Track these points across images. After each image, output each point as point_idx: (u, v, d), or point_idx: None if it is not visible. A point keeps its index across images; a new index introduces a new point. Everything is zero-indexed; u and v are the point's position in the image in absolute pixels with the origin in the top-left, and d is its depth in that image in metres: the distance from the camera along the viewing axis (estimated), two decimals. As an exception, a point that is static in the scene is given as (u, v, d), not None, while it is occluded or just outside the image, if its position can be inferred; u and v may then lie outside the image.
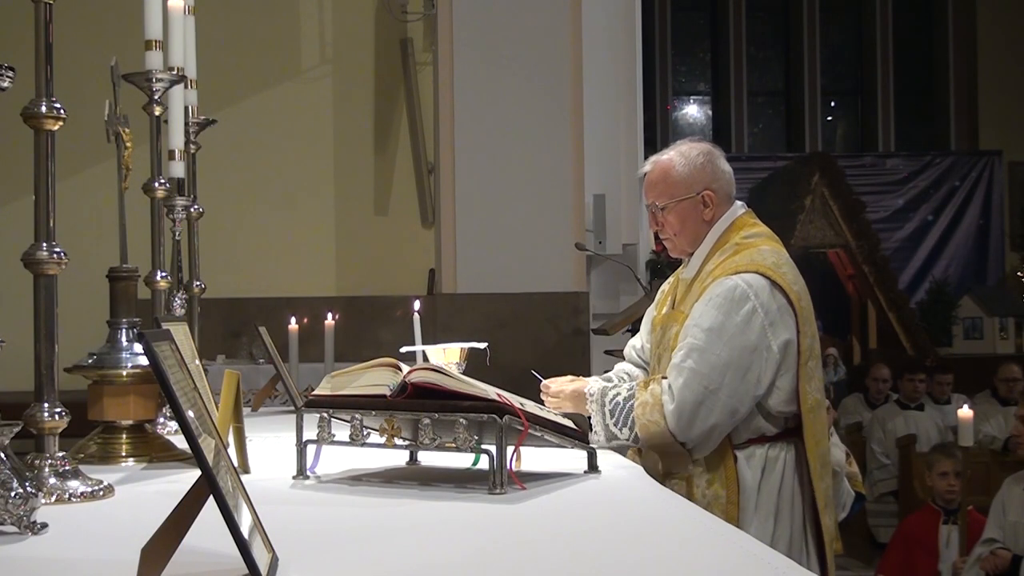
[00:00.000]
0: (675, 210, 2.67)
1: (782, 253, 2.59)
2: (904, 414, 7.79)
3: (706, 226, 2.66)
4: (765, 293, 2.47)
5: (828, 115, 14.72)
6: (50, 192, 1.87)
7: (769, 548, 1.62)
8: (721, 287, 2.49)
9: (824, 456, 2.54)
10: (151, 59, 2.56)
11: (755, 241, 2.60)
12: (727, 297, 2.47)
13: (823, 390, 2.58)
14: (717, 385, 2.41)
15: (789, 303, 2.49)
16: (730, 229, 2.64)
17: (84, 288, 3.96)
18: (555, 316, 5.75)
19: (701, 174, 2.66)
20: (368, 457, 2.25)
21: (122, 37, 3.58)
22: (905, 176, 13.70)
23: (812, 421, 2.50)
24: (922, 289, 13.01)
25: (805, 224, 11.75)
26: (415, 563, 1.47)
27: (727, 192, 2.69)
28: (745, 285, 2.47)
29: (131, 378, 2.36)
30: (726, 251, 2.60)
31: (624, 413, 2.47)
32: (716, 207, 2.65)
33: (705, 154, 2.68)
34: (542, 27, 5.86)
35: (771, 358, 2.46)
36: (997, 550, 4.64)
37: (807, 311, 2.54)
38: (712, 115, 14.73)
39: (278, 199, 7.84)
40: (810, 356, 2.52)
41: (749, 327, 2.45)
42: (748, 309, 2.45)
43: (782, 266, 2.53)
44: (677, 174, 2.66)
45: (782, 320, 2.48)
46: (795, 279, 2.55)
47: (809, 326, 2.54)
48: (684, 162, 2.66)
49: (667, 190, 2.67)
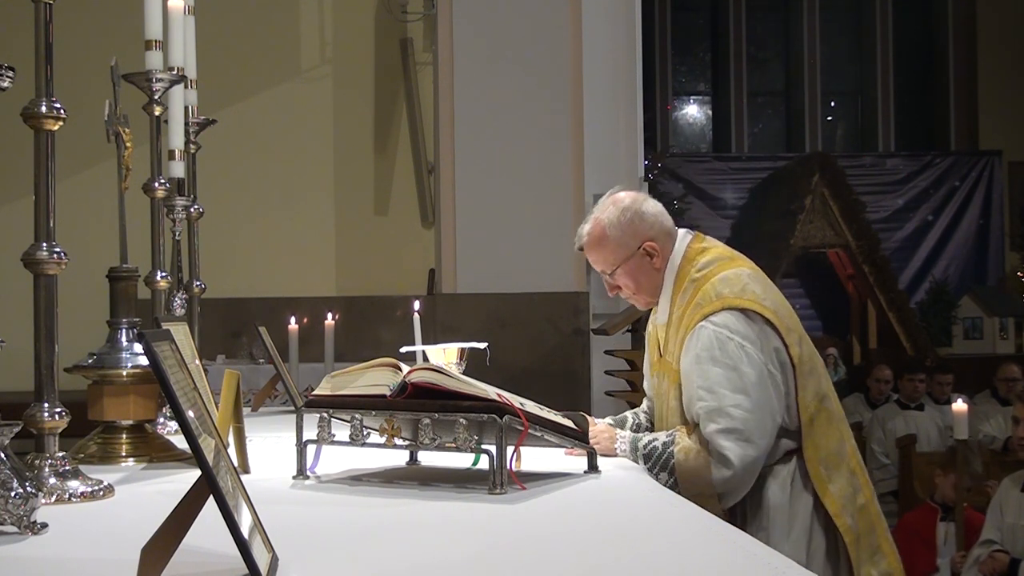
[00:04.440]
0: (623, 271, 2.65)
1: (741, 271, 2.55)
2: (904, 414, 7.79)
3: (659, 273, 2.64)
4: (740, 324, 2.46)
5: (828, 115, 14.72)
6: (50, 192, 1.87)
7: (769, 548, 1.62)
8: (698, 340, 2.47)
9: (830, 458, 2.52)
10: (151, 59, 2.56)
11: (711, 271, 2.56)
12: (708, 347, 2.45)
13: (822, 392, 2.56)
14: (750, 433, 2.41)
15: (767, 322, 2.48)
16: (683, 264, 2.62)
17: (84, 288, 3.96)
18: (555, 316, 5.75)
19: (634, 229, 2.62)
20: (368, 457, 2.25)
21: (122, 37, 3.58)
22: (905, 176, 13.70)
23: (810, 430, 2.50)
24: (922, 289, 13.01)
25: (805, 224, 11.76)
26: (415, 563, 1.47)
27: (665, 230, 2.66)
28: (718, 328, 2.45)
29: (131, 378, 2.36)
30: (687, 291, 2.57)
31: (663, 460, 2.46)
32: (661, 252, 2.63)
33: (628, 207, 2.64)
34: (542, 27, 5.85)
35: (776, 378, 2.47)
36: (995, 553, 4.64)
37: (786, 318, 2.53)
38: (712, 115, 14.73)
39: (278, 199, 7.84)
40: (800, 363, 2.50)
41: (744, 362, 2.44)
42: (734, 347, 2.44)
43: (746, 288, 2.50)
44: (611, 239, 2.63)
45: (765, 341, 2.47)
46: (764, 293, 2.52)
47: (793, 333, 2.52)
48: (614, 224, 2.63)
49: (607, 256, 2.65)
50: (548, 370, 5.66)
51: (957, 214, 13.69)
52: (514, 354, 5.40)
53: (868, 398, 8.42)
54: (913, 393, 7.86)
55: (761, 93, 14.71)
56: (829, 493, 2.50)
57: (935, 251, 13.58)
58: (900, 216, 13.56)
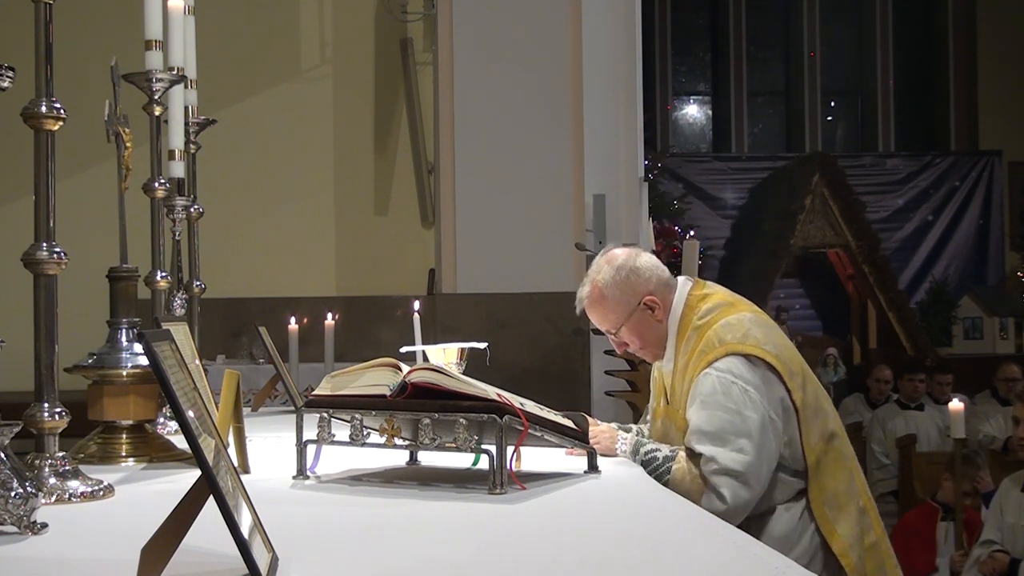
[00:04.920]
0: (627, 329, 2.67)
1: (743, 316, 2.58)
2: (904, 414, 7.79)
3: (662, 325, 2.66)
4: (744, 370, 2.49)
5: (828, 115, 14.72)
6: (50, 192, 1.87)
7: (769, 548, 1.62)
8: (703, 387, 2.50)
9: (838, 498, 2.54)
10: (151, 59, 2.56)
11: (713, 317, 2.59)
12: (712, 392, 2.48)
13: (829, 431, 2.58)
14: (748, 476, 2.43)
15: (769, 368, 2.51)
16: (685, 312, 2.64)
17: (84, 288, 3.96)
18: (555, 316, 5.74)
19: (631, 286, 2.65)
20: (368, 457, 2.25)
21: (122, 37, 3.58)
22: (905, 176, 13.70)
23: (817, 472, 2.53)
24: (922, 289, 13.01)
25: (805, 224, 11.76)
26: (415, 563, 1.47)
27: (663, 282, 2.68)
28: (721, 374, 2.48)
29: (131, 378, 2.35)
30: (690, 339, 2.60)
31: (659, 472, 2.48)
32: (662, 304, 2.66)
33: (623, 265, 2.66)
34: (542, 27, 5.85)
35: (777, 425, 2.50)
36: (995, 553, 4.63)
37: (788, 361, 2.55)
38: (712, 115, 14.73)
39: (278, 199, 7.83)
40: (804, 407, 2.53)
41: (748, 407, 2.46)
42: (738, 391, 2.47)
43: (748, 333, 2.53)
44: (610, 299, 2.65)
45: (769, 387, 2.50)
46: (765, 337, 2.55)
47: (796, 377, 2.54)
48: (611, 284, 2.65)
49: (608, 316, 2.68)
50: (548, 370, 5.66)
51: (957, 214, 13.69)
52: (514, 354, 5.40)
53: (868, 398, 8.42)
54: (913, 393, 7.86)
55: (761, 93, 14.71)
56: (836, 534, 2.51)
57: (935, 251, 13.58)
58: (900, 216, 13.56)
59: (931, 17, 14.46)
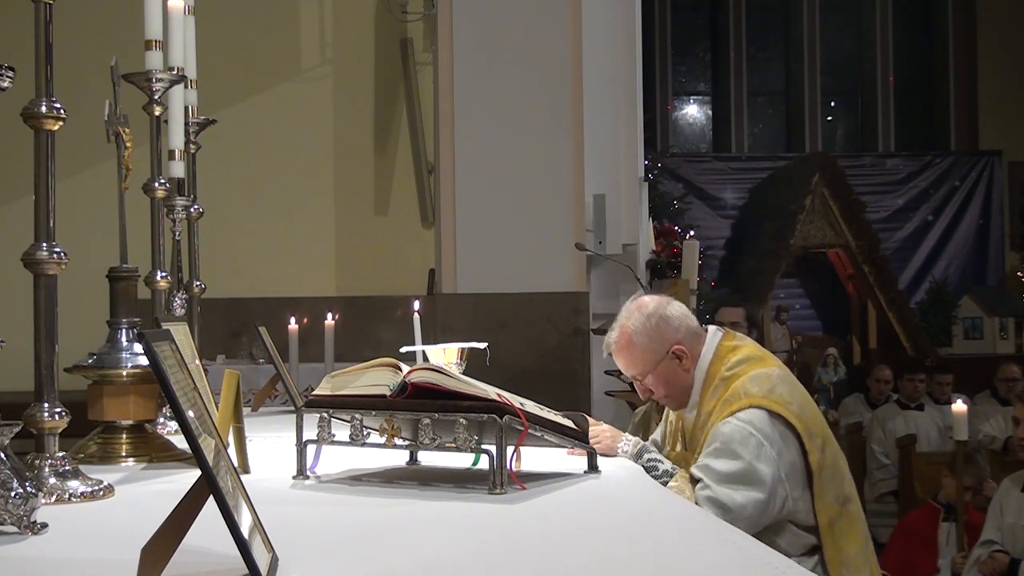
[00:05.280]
0: (653, 376, 2.70)
1: (771, 372, 2.62)
2: (904, 414, 7.79)
3: (688, 374, 2.70)
4: (765, 424, 2.52)
5: (828, 115, 14.72)
6: (50, 192, 1.87)
7: (769, 548, 1.62)
8: (722, 432, 2.54)
9: (854, 560, 2.57)
10: (151, 59, 2.56)
11: (742, 369, 2.62)
12: (728, 440, 2.52)
13: (844, 494, 2.61)
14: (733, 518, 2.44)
15: (789, 427, 2.54)
16: (714, 361, 2.67)
17: (84, 288, 3.96)
18: (555, 316, 5.74)
19: (660, 334, 2.68)
20: (368, 457, 2.25)
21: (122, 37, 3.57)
22: (905, 176, 13.71)
23: (831, 532, 2.55)
24: (922, 289, 13.02)
25: (805, 224, 11.76)
26: (415, 563, 1.47)
27: (692, 332, 2.72)
28: (742, 424, 2.52)
29: (131, 378, 2.35)
30: (717, 387, 2.63)
31: (656, 481, 2.49)
32: (690, 353, 2.69)
33: (653, 313, 2.70)
34: (542, 27, 5.85)
35: (784, 486, 2.52)
36: (995, 553, 4.64)
37: (811, 423, 2.58)
38: (712, 115, 14.73)
39: (278, 199, 7.83)
40: (821, 469, 2.55)
41: (761, 460, 2.50)
42: (755, 444, 2.51)
43: (774, 389, 2.57)
44: (639, 346, 2.69)
45: (786, 446, 2.54)
46: (790, 396, 2.58)
47: (816, 439, 2.57)
48: (640, 331, 2.68)
49: (636, 363, 2.71)
50: (548, 370, 5.66)
51: (957, 214, 13.69)
52: (514, 354, 5.40)
53: (868, 398, 8.42)
54: (913, 393, 7.86)
55: (761, 93, 14.71)
56: None
57: (935, 251, 13.58)
58: (900, 216, 13.56)
59: (931, 17, 14.46)
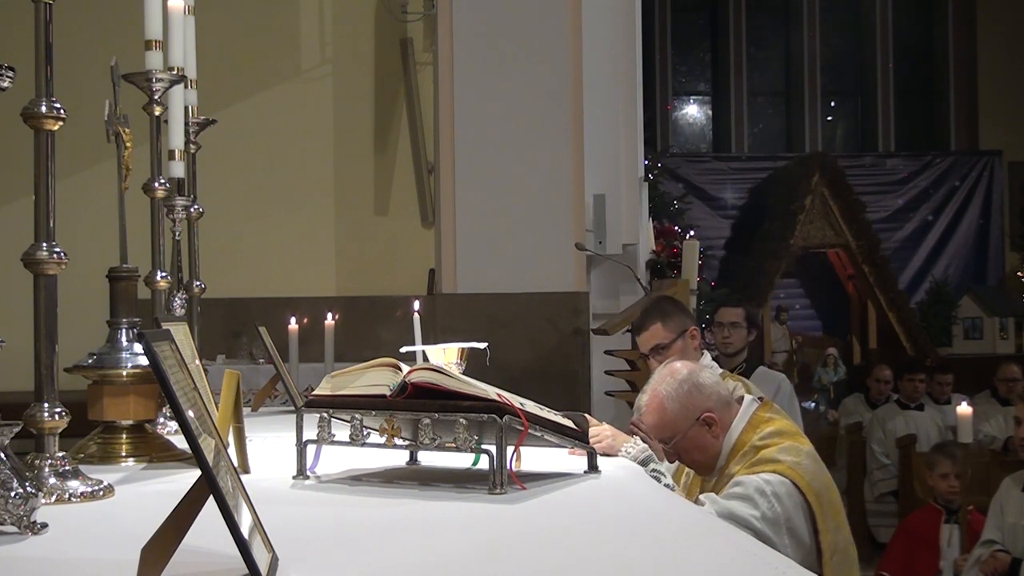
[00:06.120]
0: (684, 441, 2.73)
1: (802, 447, 2.65)
2: (904, 414, 7.79)
3: (717, 442, 2.73)
4: (783, 491, 2.55)
5: (828, 115, 14.72)
6: (50, 192, 1.87)
7: (769, 548, 1.62)
8: (739, 480, 2.58)
9: None
10: (151, 59, 2.56)
11: (774, 441, 2.65)
12: (745, 487, 2.56)
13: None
14: None
15: (806, 502, 2.56)
16: (747, 429, 2.71)
17: (84, 288, 3.96)
18: (555, 316, 5.75)
19: (692, 401, 2.71)
20: (368, 457, 2.24)
21: (122, 37, 3.57)
22: (905, 176, 13.71)
23: None
24: (922, 289, 13.02)
25: (805, 224, 11.77)
26: (415, 563, 1.47)
27: (723, 400, 2.75)
28: (763, 481, 2.55)
29: (131, 378, 2.35)
30: (747, 454, 2.66)
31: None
32: (720, 421, 2.72)
33: (686, 379, 2.73)
34: (542, 27, 5.85)
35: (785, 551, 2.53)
36: (996, 553, 4.64)
37: (829, 505, 2.60)
38: (712, 115, 14.73)
39: (278, 199, 7.83)
40: (833, 552, 2.57)
41: (765, 520, 2.52)
42: (766, 504, 2.54)
43: (802, 463, 2.60)
44: (671, 411, 2.72)
45: (797, 517, 2.56)
46: (815, 475, 2.61)
47: (830, 520, 2.59)
48: (673, 396, 2.72)
49: (668, 428, 2.73)
50: (548, 370, 5.66)
51: (957, 214, 13.69)
52: (514, 354, 5.40)
53: (868, 398, 8.42)
54: (913, 393, 7.86)
55: (761, 93, 14.71)
56: None
57: (935, 251, 13.59)
58: (900, 216, 13.57)
59: (931, 17, 14.46)
